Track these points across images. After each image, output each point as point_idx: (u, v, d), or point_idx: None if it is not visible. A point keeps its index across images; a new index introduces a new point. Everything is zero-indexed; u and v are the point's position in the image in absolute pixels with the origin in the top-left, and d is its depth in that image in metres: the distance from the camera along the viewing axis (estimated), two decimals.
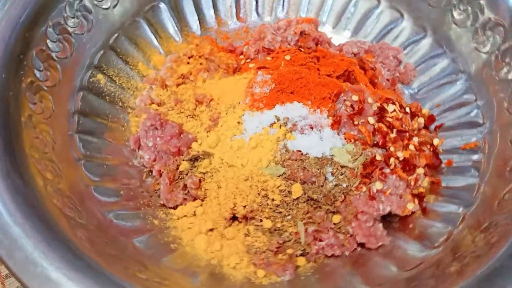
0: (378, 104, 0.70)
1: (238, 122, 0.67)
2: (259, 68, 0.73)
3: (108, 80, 0.73)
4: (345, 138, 0.66)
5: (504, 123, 0.65)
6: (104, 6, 0.74)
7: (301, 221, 0.61)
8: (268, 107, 0.67)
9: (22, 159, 0.55)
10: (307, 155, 0.63)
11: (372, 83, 0.76)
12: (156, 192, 0.68)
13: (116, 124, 0.72)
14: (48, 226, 0.50)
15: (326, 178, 0.63)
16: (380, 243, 0.62)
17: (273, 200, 0.61)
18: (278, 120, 0.66)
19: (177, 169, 0.66)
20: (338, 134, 0.67)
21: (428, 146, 0.70)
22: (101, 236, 0.56)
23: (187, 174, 0.66)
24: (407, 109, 0.72)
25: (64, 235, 0.51)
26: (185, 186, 0.65)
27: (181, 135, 0.68)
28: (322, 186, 0.62)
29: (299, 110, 0.67)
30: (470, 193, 0.64)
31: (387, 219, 0.65)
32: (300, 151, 0.63)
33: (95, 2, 0.72)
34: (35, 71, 0.62)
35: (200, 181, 0.64)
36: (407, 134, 0.69)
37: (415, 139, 0.69)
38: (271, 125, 0.66)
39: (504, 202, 0.58)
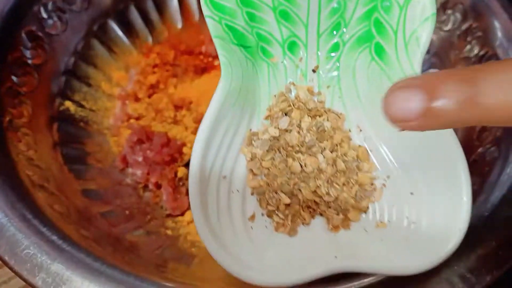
0: None
1: None
2: None
3: (77, 105, 0.71)
4: None
5: None
6: (54, 32, 0.71)
7: None
8: None
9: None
10: None
11: None
12: (157, 204, 0.67)
13: (97, 147, 0.70)
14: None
15: None
16: None
17: None
18: None
19: (176, 176, 0.66)
20: None
21: None
22: (122, 253, 0.55)
23: (187, 179, 0.66)
24: None
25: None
26: (187, 190, 0.66)
27: (169, 143, 0.68)
28: None
29: None
30: None
31: None
32: None
33: (48, 30, 0.70)
34: (13, 77, 0.62)
35: None
36: None
37: None
38: None
39: (480, 137, 0.65)
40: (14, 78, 0.63)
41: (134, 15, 0.82)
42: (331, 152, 0.46)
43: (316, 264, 0.37)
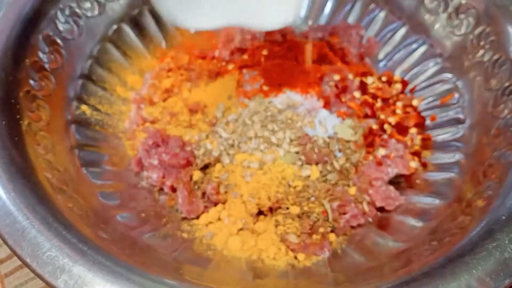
0: (359, 79, 0.75)
1: None
2: (241, 67, 0.75)
3: (93, 109, 0.72)
4: (338, 116, 0.71)
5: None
6: (70, 37, 0.72)
7: (325, 199, 0.64)
8: None
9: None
10: (314, 137, 0.67)
11: (343, 62, 0.80)
12: (173, 208, 0.68)
13: (112, 150, 0.71)
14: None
15: (335, 156, 0.67)
16: (397, 203, 0.66)
17: (295, 187, 0.64)
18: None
19: (191, 179, 0.67)
20: (332, 114, 0.71)
21: (410, 108, 0.75)
22: (139, 255, 0.56)
23: (202, 183, 0.66)
24: (383, 78, 0.77)
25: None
26: (203, 194, 0.66)
27: (184, 146, 0.68)
28: (332, 163, 0.66)
29: (293, 98, 0.70)
30: (461, 142, 0.70)
31: (394, 181, 0.70)
32: (307, 134, 0.66)
33: (64, 35, 0.70)
34: (30, 81, 0.63)
35: (218, 186, 0.65)
36: (391, 100, 0.75)
37: (399, 103, 0.75)
38: None
39: (494, 141, 0.65)
40: (31, 82, 0.64)
41: (148, 19, 0.83)
42: None
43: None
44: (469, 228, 0.52)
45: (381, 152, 0.68)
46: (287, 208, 0.63)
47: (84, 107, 0.71)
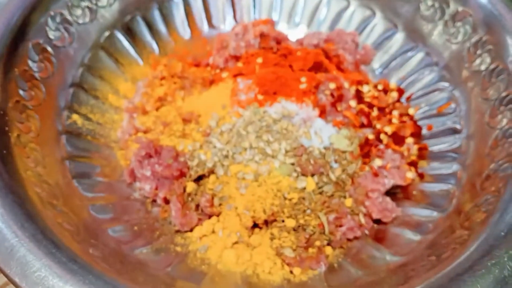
0: (354, 87, 0.74)
1: None
2: (235, 75, 0.74)
3: (84, 118, 0.70)
4: (334, 125, 0.70)
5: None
6: (61, 45, 0.71)
7: (321, 211, 0.63)
8: None
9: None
10: (310, 148, 0.66)
11: (339, 69, 0.80)
12: (166, 220, 0.66)
13: (104, 161, 0.70)
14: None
15: (331, 167, 0.66)
16: (394, 215, 0.65)
17: (290, 199, 0.63)
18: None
19: (184, 191, 0.65)
20: (327, 123, 0.70)
21: (406, 117, 0.75)
22: (130, 272, 0.55)
23: (195, 194, 0.65)
24: (379, 86, 0.77)
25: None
26: (196, 206, 0.65)
27: (178, 157, 0.67)
28: (328, 175, 0.65)
29: (288, 107, 0.69)
30: (458, 152, 0.69)
31: (390, 192, 0.69)
32: (302, 145, 0.65)
33: (55, 43, 0.69)
34: (20, 91, 0.61)
35: (212, 198, 0.64)
36: (387, 109, 0.74)
37: (395, 112, 0.74)
38: None
39: (492, 153, 0.64)
40: (21, 92, 0.62)
41: (141, 26, 0.82)
42: None
43: None
44: (467, 243, 0.51)
45: (377, 162, 0.67)
46: (283, 221, 0.62)
47: (75, 117, 0.69)
